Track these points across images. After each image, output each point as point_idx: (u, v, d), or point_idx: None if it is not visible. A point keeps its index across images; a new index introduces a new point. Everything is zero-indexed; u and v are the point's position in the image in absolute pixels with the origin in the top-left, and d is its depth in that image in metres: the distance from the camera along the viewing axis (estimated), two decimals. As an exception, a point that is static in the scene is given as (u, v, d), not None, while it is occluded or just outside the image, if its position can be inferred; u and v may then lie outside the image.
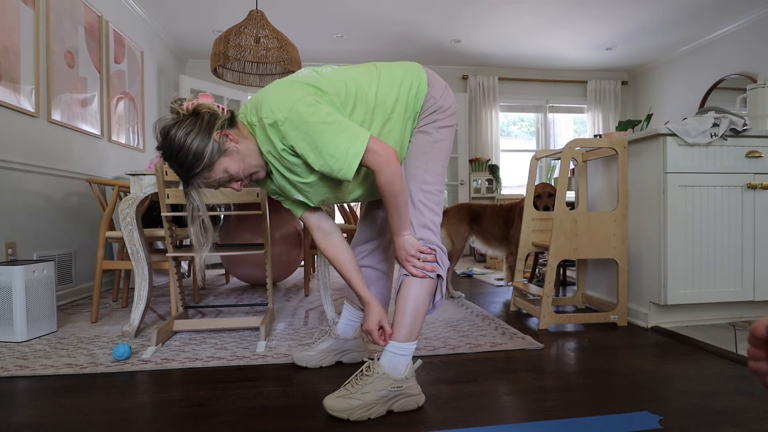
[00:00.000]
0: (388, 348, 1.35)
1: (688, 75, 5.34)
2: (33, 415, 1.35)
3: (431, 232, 1.37)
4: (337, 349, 1.73)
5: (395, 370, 1.33)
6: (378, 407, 1.29)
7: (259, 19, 3.15)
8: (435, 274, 1.35)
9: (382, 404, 1.30)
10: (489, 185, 5.84)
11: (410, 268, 1.34)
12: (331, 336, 1.73)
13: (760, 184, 2.22)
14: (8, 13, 2.56)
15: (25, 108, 2.68)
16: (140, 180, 2.20)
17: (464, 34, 4.97)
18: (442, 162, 1.43)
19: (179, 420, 1.31)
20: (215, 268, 4.87)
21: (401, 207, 1.29)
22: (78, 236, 3.21)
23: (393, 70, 1.39)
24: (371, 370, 1.32)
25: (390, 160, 1.23)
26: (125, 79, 3.93)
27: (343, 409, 1.27)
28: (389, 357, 1.34)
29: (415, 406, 1.35)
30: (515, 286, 2.65)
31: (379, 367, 1.32)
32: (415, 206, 1.37)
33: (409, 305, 1.34)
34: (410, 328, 1.34)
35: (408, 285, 1.36)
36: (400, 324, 1.34)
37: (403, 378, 1.32)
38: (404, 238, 1.34)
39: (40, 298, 2.18)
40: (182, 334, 2.18)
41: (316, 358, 1.71)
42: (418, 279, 1.35)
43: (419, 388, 1.38)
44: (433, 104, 1.40)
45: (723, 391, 1.47)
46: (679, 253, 2.17)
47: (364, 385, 1.30)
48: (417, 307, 1.35)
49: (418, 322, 1.35)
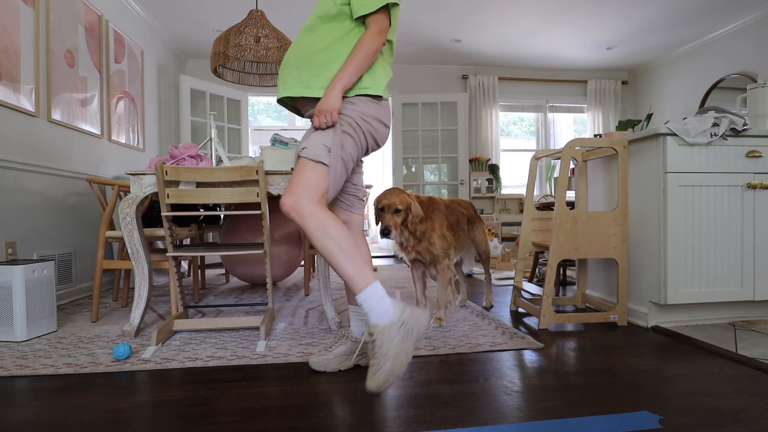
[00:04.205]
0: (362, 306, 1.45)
1: (688, 74, 5.34)
2: (33, 415, 1.35)
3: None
4: (355, 352, 1.70)
5: (387, 316, 1.41)
6: (402, 347, 1.38)
7: (259, 18, 3.15)
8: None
9: (402, 342, 1.39)
10: (489, 185, 5.84)
11: (317, 122, 1.51)
12: (348, 339, 1.72)
13: (760, 183, 2.22)
14: (8, 13, 2.56)
15: (25, 108, 2.68)
16: (140, 179, 2.20)
17: (464, 33, 4.97)
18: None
19: (179, 419, 1.31)
20: (215, 267, 4.87)
21: (361, 65, 1.50)
22: (78, 236, 3.21)
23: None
24: (373, 336, 1.38)
25: (383, 33, 1.51)
26: (125, 79, 3.93)
27: (394, 371, 1.34)
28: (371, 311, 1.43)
29: (426, 323, 1.46)
30: (515, 285, 2.65)
31: (374, 327, 1.39)
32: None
33: (339, 259, 1.46)
34: (354, 274, 1.45)
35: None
36: (353, 279, 1.46)
37: (399, 317, 1.41)
38: (334, 91, 1.49)
39: (40, 297, 2.18)
40: (182, 334, 2.18)
41: (334, 362, 1.69)
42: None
43: (418, 310, 1.46)
44: None
45: (723, 391, 1.47)
46: (679, 253, 2.17)
47: (380, 351, 1.36)
48: (343, 253, 1.45)
49: (354, 262, 1.45)
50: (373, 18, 1.51)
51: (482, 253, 2.74)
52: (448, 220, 2.35)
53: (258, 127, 6.02)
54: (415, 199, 2.22)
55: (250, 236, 3.11)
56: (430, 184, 5.87)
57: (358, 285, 1.44)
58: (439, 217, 2.30)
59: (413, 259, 2.32)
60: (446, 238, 2.29)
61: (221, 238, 3.26)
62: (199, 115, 5.11)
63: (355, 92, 1.55)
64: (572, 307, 2.72)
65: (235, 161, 2.58)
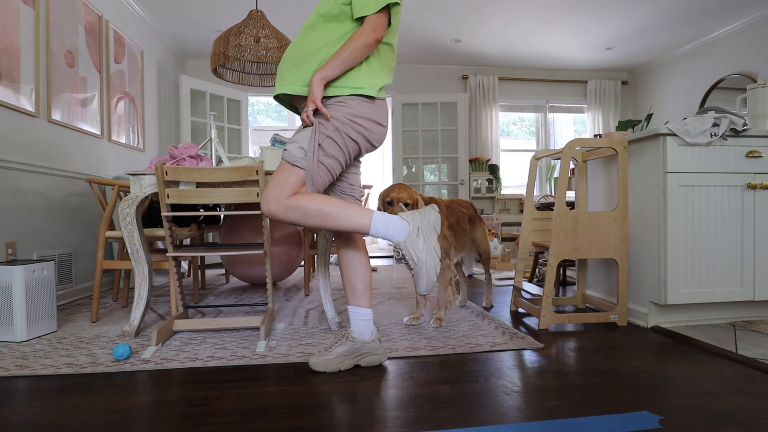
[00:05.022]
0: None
1: (688, 75, 5.34)
2: (33, 415, 1.35)
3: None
4: (355, 352, 1.71)
5: (402, 230, 1.57)
6: (428, 248, 1.56)
7: (259, 19, 3.15)
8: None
9: (426, 244, 1.56)
10: (489, 185, 5.84)
11: (303, 114, 1.54)
12: (348, 339, 1.72)
13: (760, 183, 2.22)
14: (8, 13, 2.56)
15: (25, 108, 2.68)
16: (140, 180, 2.20)
17: (464, 34, 4.97)
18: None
19: (179, 420, 1.31)
20: (215, 267, 4.87)
21: (346, 60, 1.50)
22: (78, 236, 3.21)
23: None
24: (401, 252, 1.56)
25: (378, 30, 1.51)
26: (125, 79, 3.94)
27: (430, 272, 1.55)
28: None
29: (437, 214, 1.60)
30: (515, 285, 2.65)
31: (397, 244, 1.56)
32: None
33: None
34: (355, 222, 1.57)
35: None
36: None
37: (411, 225, 1.57)
38: (314, 82, 1.51)
39: (40, 297, 2.18)
40: (182, 334, 2.18)
41: (334, 362, 1.68)
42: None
43: (426, 210, 1.61)
44: None
45: (723, 391, 1.47)
46: (679, 253, 2.17)
47: (413, 259, 1.57)
48: (334, 215, 1.55)
49: (347, 213, 1.56)
50: (371, 17, 1.52)
51: (482, 253, 2.74)
52: (448, 220, 2.35)
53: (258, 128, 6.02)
54: (420, 196, 2.23)
55: (250, 236, 3.11)
56: (430, 185, 5.87)
57: (363, 226, 1.54)
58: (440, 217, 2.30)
59: None
60: (447, 238, 2.29)
61: (221, 238, 3.26)
62: (199, 115, 5.11)
63: (349, 92, 1.55)
64: (572, 307, 2.72)
65: (235, 161, 2.58)
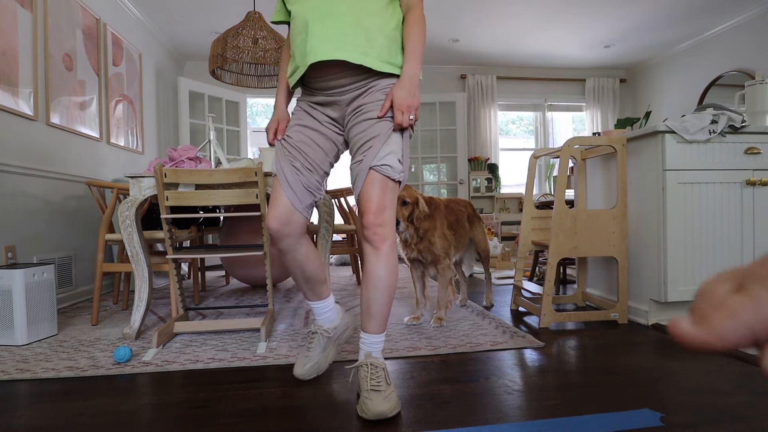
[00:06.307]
0: (374, 343, 1.44)
1: (687, 72, 5.34)
2: (34, 419, 1.35)
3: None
4: (333, 341, 1.65)
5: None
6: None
7: (257, 20, 3.15)
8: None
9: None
10: (488, 184, 5.84)
11: (400, 117, 1.34)
12: (323, 336, 1.63)
13: (759, 180, 2.22)
14: (6, 17, 2.56)
15: (23, 111, 2.68)
16: (139, 182, 2.20)
17: (462, 33, 4.97)
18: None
19: (180, 422, 1.31)
20: (215, 269, 4.87)
21: (423, 43, 1.38)
22: (78, 239, 3.21)
23: None
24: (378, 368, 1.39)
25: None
26: (123, 82, 3.93)
27: (392, 408, 1.31)
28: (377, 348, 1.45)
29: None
30: (515, 284, 2.65)
31: (376, 360, 1.40)
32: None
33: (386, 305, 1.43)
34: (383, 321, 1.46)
35: (377, 288, 1.41)
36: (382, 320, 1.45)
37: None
38: (416, 82, 1.36)
39: (41, 301, 2.18)
40: (183, 336, 2.18)
41: (321, 361, 1.63)
42: (385, 282, 1.40)
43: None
44: None
45: (724, 388, 1.47)
46: (678, 250, 2.17)
47: (386, 380, 1.37)
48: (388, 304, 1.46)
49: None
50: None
51: (482, 253, 2.74)
52: (447, 220, 2.35)
53: (257, 129, 6.01)
54: (420, 195, 2.23)
55: (250, 238, 3.11)
56: (429, 184, 5.87)
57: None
58: (440, 216, 2.30)
59: (413, 259, 2.32)
60: (447, 237, 2.29)
61: (221, 240, 3.26)
62: (197, 117, 5.11)
63: (399, 73, 1.41)
64: (572, 305, 2.72)
65: (234, 163, 2.58)
